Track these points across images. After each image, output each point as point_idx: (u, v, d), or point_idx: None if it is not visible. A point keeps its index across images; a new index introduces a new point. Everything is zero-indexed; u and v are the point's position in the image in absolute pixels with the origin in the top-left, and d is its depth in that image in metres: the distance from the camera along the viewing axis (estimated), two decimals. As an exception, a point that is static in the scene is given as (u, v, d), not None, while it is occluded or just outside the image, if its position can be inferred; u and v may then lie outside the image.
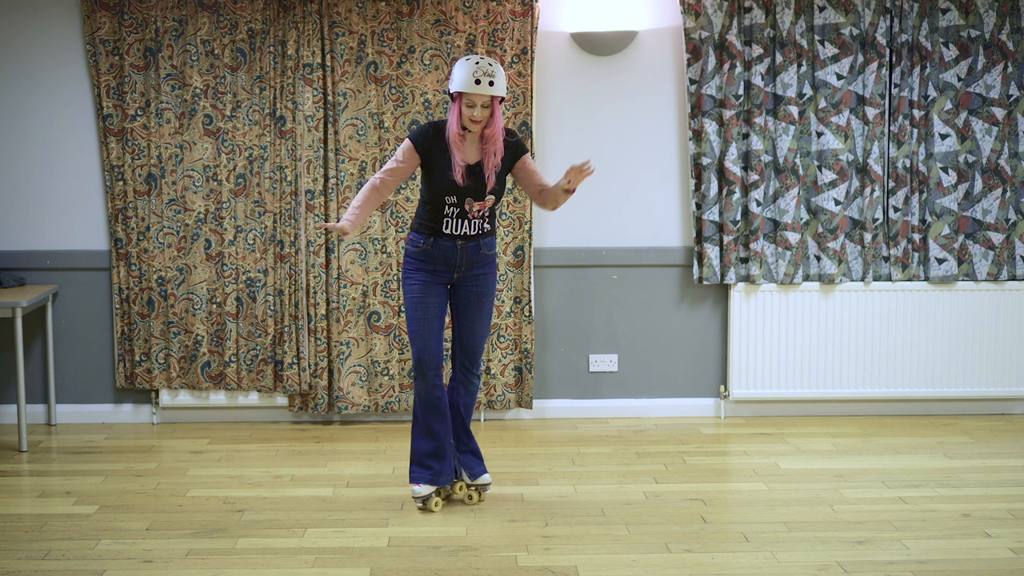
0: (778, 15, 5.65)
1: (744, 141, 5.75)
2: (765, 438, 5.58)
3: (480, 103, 4.18)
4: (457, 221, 4.32)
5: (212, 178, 5.67)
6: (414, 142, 4.31)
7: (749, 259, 5.78)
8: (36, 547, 4.09)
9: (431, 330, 4.38)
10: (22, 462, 5.24)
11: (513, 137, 4.38)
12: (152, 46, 5.59)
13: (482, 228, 4.36)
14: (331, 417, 5.91)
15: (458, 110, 4.22)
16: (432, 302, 4.38)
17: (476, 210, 4.31)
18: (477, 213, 4.32)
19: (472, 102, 4.18)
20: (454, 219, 4.31)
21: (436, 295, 4.39)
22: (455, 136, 4.23)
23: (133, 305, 5.74)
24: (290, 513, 4.47)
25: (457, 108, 4.22)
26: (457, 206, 4.30)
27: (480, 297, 4.45)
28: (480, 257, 4.40)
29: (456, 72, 4.21)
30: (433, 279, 4.38)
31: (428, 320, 4.38)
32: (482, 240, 4.38)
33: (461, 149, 4.26)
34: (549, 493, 4.71)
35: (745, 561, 3.94)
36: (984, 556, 3.98)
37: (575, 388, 5.97)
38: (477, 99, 4.18)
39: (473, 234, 4.35)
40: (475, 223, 4.33)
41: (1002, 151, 5.77)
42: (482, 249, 4.39)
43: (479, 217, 4.33)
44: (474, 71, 4.16)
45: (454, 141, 4.23)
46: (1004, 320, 5.88)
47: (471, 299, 4.44)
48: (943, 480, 4.87)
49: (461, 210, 4.30)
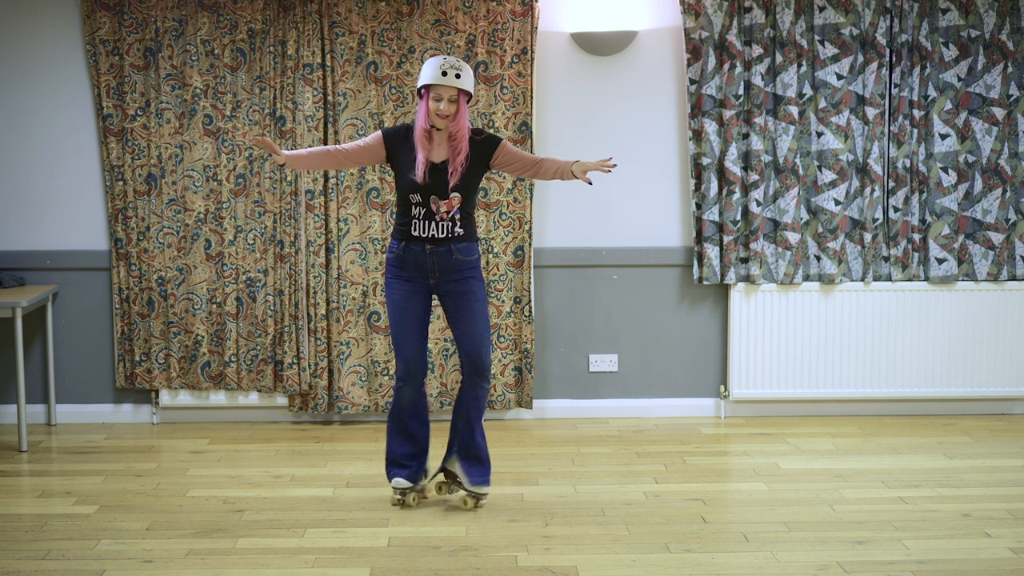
0: (778, 15, 5.65)
1: (744, 141, 5.75)
2: (765, 438, 5.58)
3: (447, 96, 4.22)
4: (424, 223, 4.32)
5: (212, 178, 5.67)
6: (384, 134, 4.37)
7: (749, 259, 5.78)
8: (36, 547, 4.09)
9: (412, 338, 4.39)
10: (22, 462, 5.24)
11: (481, 135, 4.38)
12: (152, 46, 5.59)
13: (452, 231, 4.33)
14: (331, 417, 5.91)
15: (426, 106, 4.26)
16: (412, 309, 4.39)
17: (444, 211, 4.31)
18: (445, 214, 4.31)
19: (439, 95, 4.22)
20: (421, 220, 4.32)
21: (416, 302, 4.39)
22: (421, 132, 4.27)
23: (133, 305, 5.74)
24: (290, 513, 4.47)
25: (425, 104, 4.26)
26: (423, 205, 4.30)
27: (467, 303, 4.40)
28: (454, 263, 4.36)
29: (424, 68, 4.28)
30: (411, 286, 4.39)
31: (408, 327, 4.39)
32: (454, 245, 4.35)
33: (427, 147, 4.28)
34: (549, 493, 4.71)
35: (745, 561, 3.95)
36: (984, 556, 3.98)
37: (575, 388, 5.97)
38: (444, 92, 4.22)
39: (442, 237, 4.33)
40: (443, 225, 4.32)
41: (1002, 151, 5.77)
42: (455, 255, 4.35)
43: (448, 219, 4.32)
44: (441, 64, 4.23)
45: (420, 138, 4.27)
46: (1004, 320, 5.88)
47: (459, 305, 4.41)
48: (943, 480, 4.87)
49: (428, 210, 4.31)
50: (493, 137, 4.41)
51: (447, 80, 4.21)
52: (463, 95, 4.26)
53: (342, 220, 5.67)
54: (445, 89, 4.22)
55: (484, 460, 4.54)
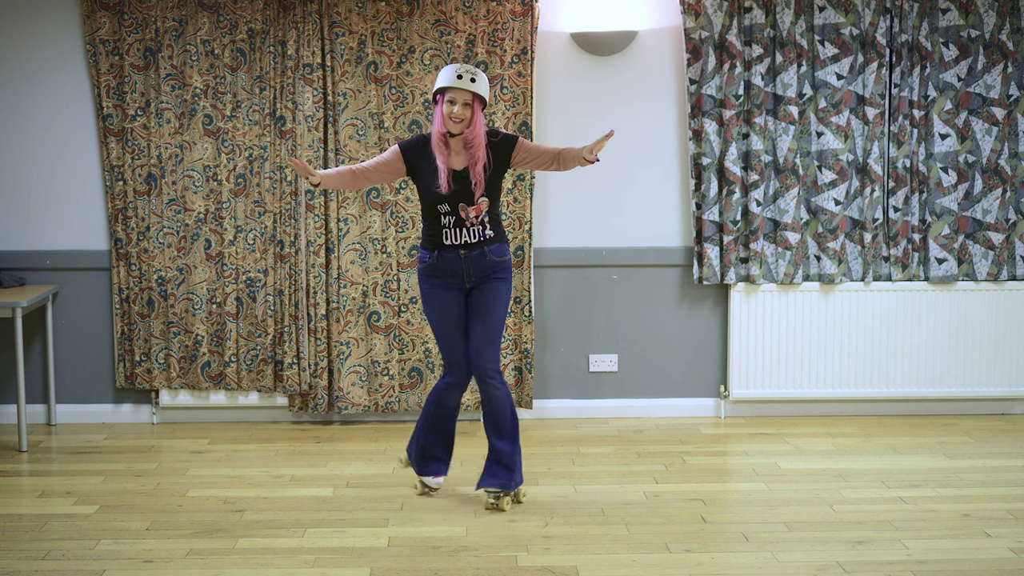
0: (778, 15, 5.65)
1: (744, 141, 5.75)
2: (765, 438, 5.58)
3: (461, 100, 4.23)
4: (455, 231, 4.32)
5: (212, 178, 5.67)
6: (401, 148, 4.38)
7: (749, 259, 5.78)
8: (36, 547, 4.10)
9: (458, 341, 4.42)
10: (22, 462, 5.24)
11: (497, 136, 4.38)
12: (152, 46, 5.59)
13: (483, 235, 4.35)
14: (331, 417, 5.91)
15: (440, 110, 4.26)
16: (453, 313, 4.41)
17: (473, 216, 4.31)
18: (475, 220, 4.32)
19: (454, 99, 4.23)
20: (452, 228, 4.32)
21: (456, 307, 4.41)
22: (439, 139, 4.26)
23: (133, 305, 5.74)
24: (290, 513, 4.47)
25: (440, 108, 4.27)
26: (452, 214, 4.31)
27: (490, 303, 4.40)
28: (488, 264, 4.38)
29: (440, 75, 4.30)
30: (448, 292, 4.40)
31: (453, 332, 4.42)
32: (487, 247, 4.37)
33: (446, 155, 4.28)
34: (549, 493, 4.71)
35: (745, 561, 3.95)
36: (984, 556, 3.98)
37: (575, 388, 5.97)
38: (458, 96, 4.23)
39: (475, 242, 4.34)
40: (474, 230, 4.33)
41: (1002, 151, 5.77)
42: (488, 256, 4.37)
43: (478, 224, 4.33)
44: (456, 69, 4.25)
45: (438, 145, 4.26)
46: (1004, 320, 5.88)
47: (480, 306, 4.40)
48: (943, 480, 4.87)
49: (457, 218, 4.31)
50: (510, 136, 4.40)
51: (462, 83, 4.21)
52: (478, 101, 4.26)
53: (342, 220, 5.67)
54: (459, 93, 4.22)
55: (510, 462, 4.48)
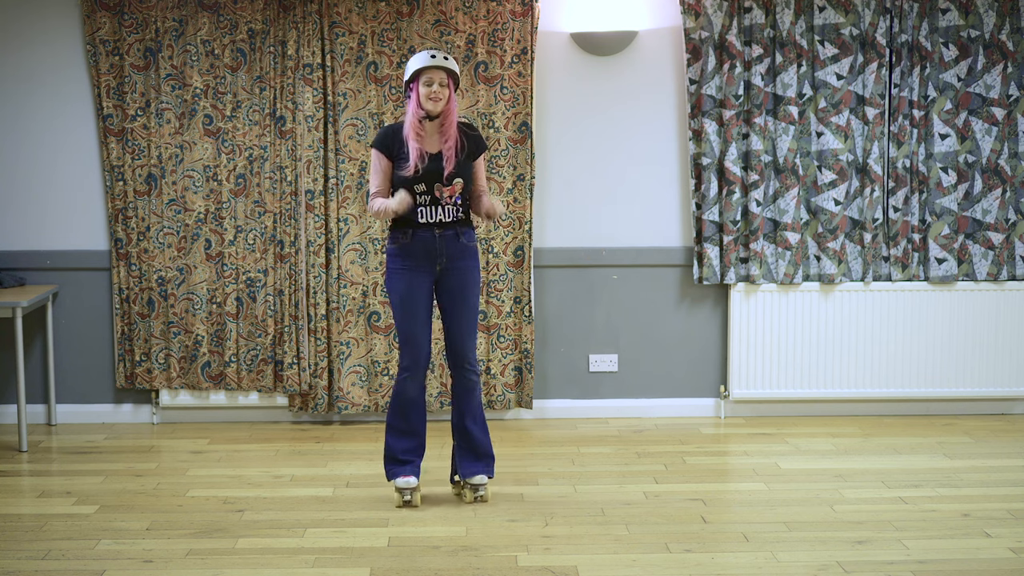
0: (778, 15, 5.65)
1: (744, 141, 5.75)
2: (765, 438, 5.58)
3: (438, 80, 4.33)
4: (431, 208, 4.40)
5: (212, 178, 5.67)
6: (377, 147, 4.45)
7: (749, 259, 5.78)
8: (36, 547, 4.09)
9: (418, 328, 4.44)
10: (22, 462, 5.24)
11: (474, 131, 4.50)
12: (152, 46, 5.59)
13: (457, 215, 4.42)
14: (331, 417, 5.91)
15: (416, 95, 4.35)
16: (417, 299, 4.44)
17: (448, 196, 4.39)
18: (449, 199, 4.40)
19: (431, 79, 4.33)
20: (427, 207, 4.40)
21: (421, 293, 4.44)
22: (414, 124, 4.35)
23: (133, 305, 5.74)
24: (290, 513, 4.47)
25: (415, 94, 4.35)
26: (427, 193, 4.39)
27: (463, 291, 4.47)
28: (460, 248, 4.45)
29: (411, 62, 4.40)
30: (416, 277, 4.43)
31: (414, 317, 4.44)
32: (459, 229, 4.44)
33: (421, 139, 4.37)
34: (549, 493, 4.71)
35: (745, 561, 3.94)
36: (984, 556, 3.98)
37: (575, 388, 5.97)
38: (435, 75, 4.33)
39: (449, 221, 4.41)
40: (449, 209, 4.41)
41: (1002, 151, 5.77)
42: (461, 239, 4.44)
43: (452, 203, 4.40)
44: (428, 52, 4.37)
45: (412, 130, 4.35)
46: (1004, 320, 5.88)
47: (455, 293, 4.47)
48: (943, 480, 4.87)
49: (432, 196, 4.39)
50: (483, 142, 4.53)
51: (436, 62, 4.32)
52: (452, 80, 4.38)
53: (342, 220, 5.67)
54: (435, 72, 4.33)
55: (481, 454, 4.57)
